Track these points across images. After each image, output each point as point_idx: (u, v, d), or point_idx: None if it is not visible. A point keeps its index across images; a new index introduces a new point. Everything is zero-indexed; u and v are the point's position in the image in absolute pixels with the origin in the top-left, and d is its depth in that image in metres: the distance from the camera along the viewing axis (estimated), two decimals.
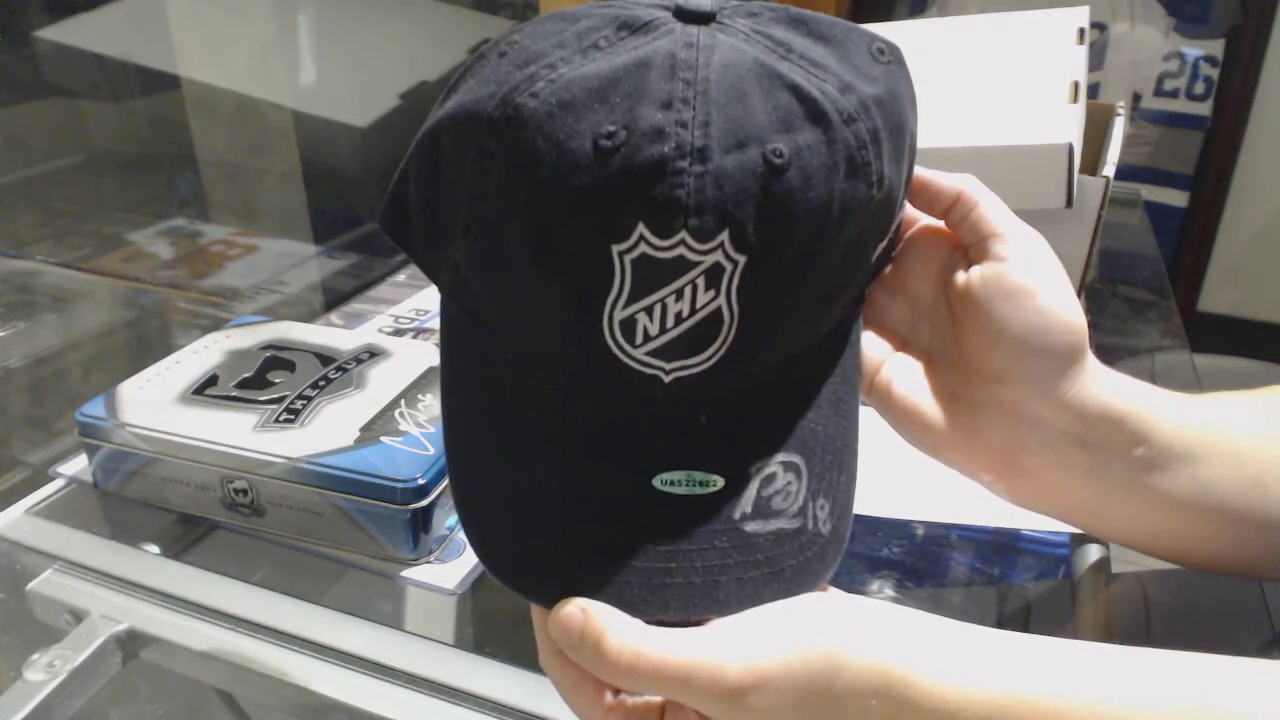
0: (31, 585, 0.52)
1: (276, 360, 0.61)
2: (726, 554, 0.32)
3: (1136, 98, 2.07)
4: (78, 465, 0.60)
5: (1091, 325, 0.37)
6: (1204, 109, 2.04)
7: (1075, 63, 0.71)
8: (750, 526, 0.33)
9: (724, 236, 0.31)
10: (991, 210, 0.38)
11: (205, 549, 0.55)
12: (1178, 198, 2.12)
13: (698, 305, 0.32)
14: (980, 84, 0.73)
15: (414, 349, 0.64)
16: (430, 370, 0.60)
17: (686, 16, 0.32)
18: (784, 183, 0.31)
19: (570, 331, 0.33)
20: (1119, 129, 0.78)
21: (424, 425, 0.54)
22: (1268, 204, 2.10)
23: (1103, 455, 0.37)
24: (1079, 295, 0.71)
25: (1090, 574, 0.52)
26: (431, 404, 0.57)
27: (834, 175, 0.32)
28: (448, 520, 0.54)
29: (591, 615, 0.31)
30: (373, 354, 0.62)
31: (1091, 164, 0.74)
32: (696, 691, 0.30)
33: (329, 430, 0.53)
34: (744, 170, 0.30)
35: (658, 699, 0.32)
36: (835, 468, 0.35)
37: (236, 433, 0.53)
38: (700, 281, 0.31)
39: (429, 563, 0.52)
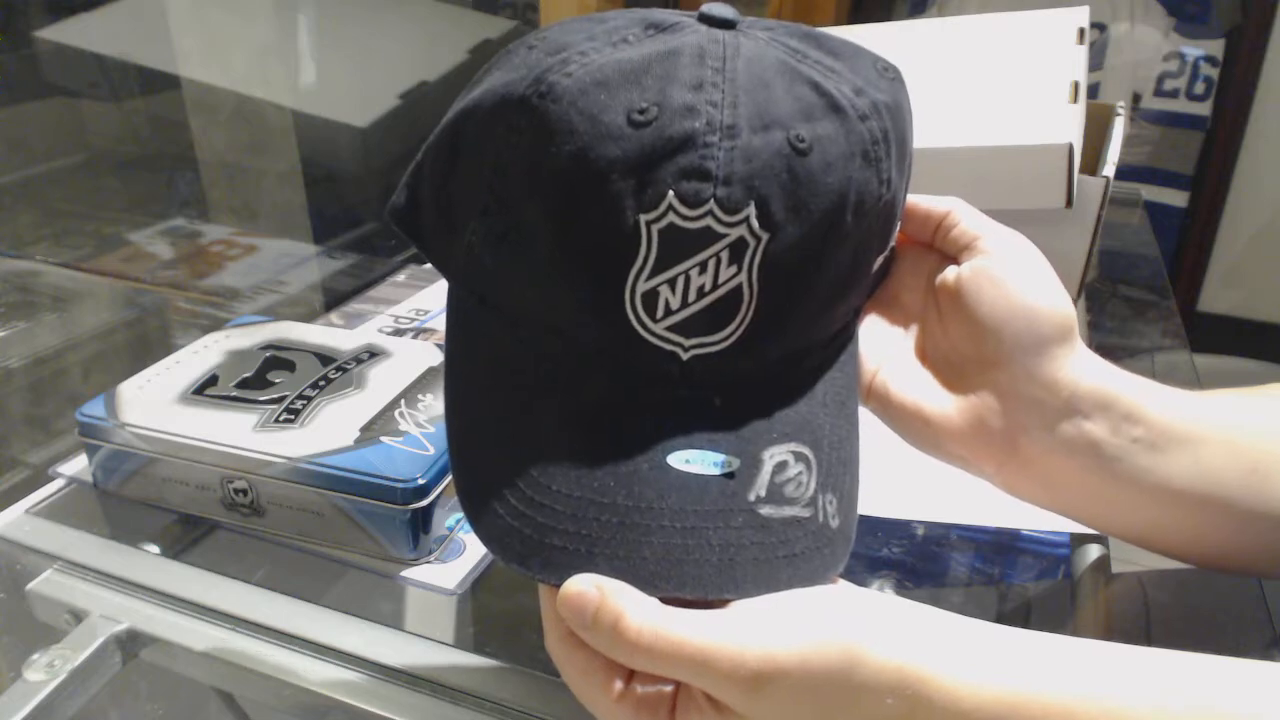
0: (31, 585, 0.52)
1: (276, 360, 0.61)
2: (742, 533, 0.32)
3: (1136, 98, 2.07)
4: (78, 465, 0.60)
5: (1091, 325, 0.37)
6: (1204, 109, 2.04)
7: (1075, 63, 0.71)
8: (764, 510, 0.33)
9: (750, 210, 0.32)
10: (973, 220, 0.40)
11: (205, 549, 0.55)
12: (1178, 198, 2.12)
13: (720, 280, 0.33)
14: (980, 84, 0.73)
15: (414, 349, 0.64)
16: (430, 370, 0.60)
17: (710, 22, 0.34)
18: (806, 165, 0.32)
19: (589, 306, 0.34)
20: (1119, 129, 0.78)
21: (424, 425, 0.54)
22: (1268, 204, 2.11)
23: (1102, 438, 0.37)
24: (1079, 295, 0.71)
25: (1090, 574, 0.52)
26: (431, 404, 0.57)
27: (850, 164, 0.33)
28: (448, 520, 0.54)
29: (608, 593, 0.30)
30: (373, 354, 0.62)
31: (1091, 164, 0.74)
32: (714, 676, 0.30)
33: (329, 430, 0.53)
34: (770, 149, 0.32)
35: (669, 688, 0.32)
36: (841, 466, 0.36)
37: (236, 433, 0.53)
38: (724, 255, 0.32)
39: (429, 563, 0.52)
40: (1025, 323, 0.37)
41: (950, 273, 0.39)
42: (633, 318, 0.33)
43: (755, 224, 0.32)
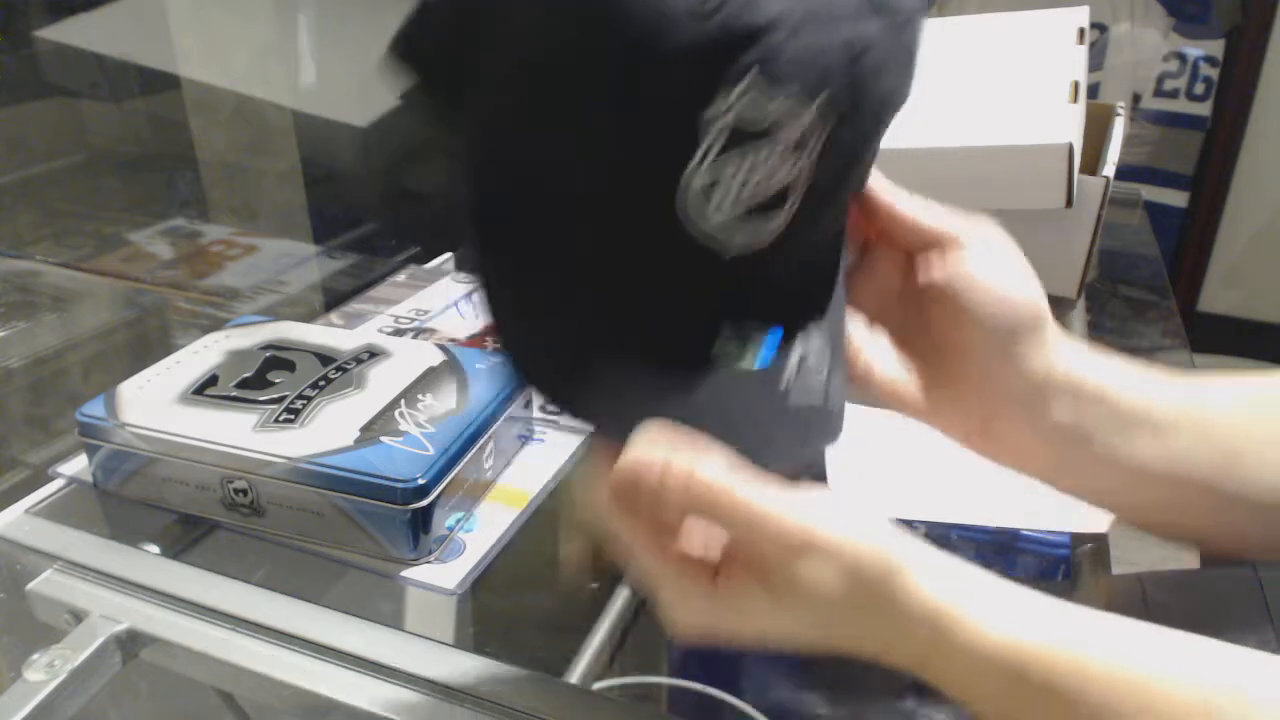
0: (31, 585, 0.51)
1: (276, 360, 0.61)
2: (771, 424, 0.35)
3: (1136, 98, 2.07)
4: (78, 465, 0.60)
5: (1091, 325, 0.37)
6: (1204, 109, 2.04)
7: (1075, 63, 0.71)
8: (792, 400, 0.35)
9: (813, 107, 0.32)
10: (944, 214, 0.41)
11: (205, 549, 0.55)
12: (1178, 198, 2.12)
13: (774, 177, 0.33)
14: (980, 84, 0.73)
15: (414, 349, 0.64)
16: (430, 370, 0.60)
17: None
18: (862, 63, 0.32)
19: (638, 201, 0.34)
20: (1119, 129, 0.78)
21: (424, 425, 0.54)
22: (1268, 204, 2.11)
23: (1072, 422, 0.38)
24: (1079, 295, 0.71)
25: (1090, 574, 0.52)
26: (431, 404, 0.57)
27: (895, 66, 0.34)
28: (448, 520, 0.54)
29: (680, 440, 0.32)
30: (373, 354, 0.62)
31: (1091, 164, 0.74)
32: (761, 538, 0.32)
33: (329, 430, 0.53)
34: (833, 46, 0.32)
35: (715, 555, 0.34)
36: (840, 352, 0.39)
37: (236, 433, 0.53)
38: (781, 152, 0.32)
39: (429, 563, 0.52)
40: (997, 312, 0.38)
41: (925, 262, 0.40)
42: (683, 215, 0.33)
43: (817, 119, 0.32)
